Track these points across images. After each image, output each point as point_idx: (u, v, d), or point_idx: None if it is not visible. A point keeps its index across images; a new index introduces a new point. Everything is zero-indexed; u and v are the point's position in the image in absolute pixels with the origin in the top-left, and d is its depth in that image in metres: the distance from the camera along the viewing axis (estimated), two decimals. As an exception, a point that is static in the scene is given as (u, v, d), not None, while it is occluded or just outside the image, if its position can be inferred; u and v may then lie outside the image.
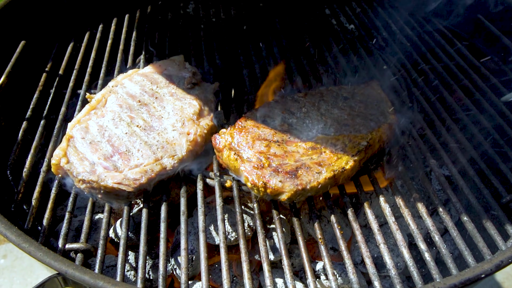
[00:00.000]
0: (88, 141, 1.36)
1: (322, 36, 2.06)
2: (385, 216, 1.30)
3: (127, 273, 1.45)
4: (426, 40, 1.98)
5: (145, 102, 1.51)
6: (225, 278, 1.11)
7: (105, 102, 1.51)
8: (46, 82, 1.73)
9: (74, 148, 1.34)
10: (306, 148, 1.34)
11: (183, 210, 1.28)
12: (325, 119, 1.45)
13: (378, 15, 2.21)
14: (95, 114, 1.46)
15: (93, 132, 1.39)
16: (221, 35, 2.07)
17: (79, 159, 1.31)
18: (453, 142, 1.50)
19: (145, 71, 1.65)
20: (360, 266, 1.49)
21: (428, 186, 1.37)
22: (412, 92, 1.73)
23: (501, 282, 2.04)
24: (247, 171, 1.27)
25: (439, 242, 1.20)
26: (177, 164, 1.34)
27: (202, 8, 2.29)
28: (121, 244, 1.21)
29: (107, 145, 1.36)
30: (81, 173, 1.27)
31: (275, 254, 1.42)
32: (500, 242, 1.19)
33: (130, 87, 1.56)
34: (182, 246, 1.18)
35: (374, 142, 1.39)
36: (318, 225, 1.25)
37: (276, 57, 1.91)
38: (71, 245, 1.22)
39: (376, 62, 1.91)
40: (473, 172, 1.39)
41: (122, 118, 1.44)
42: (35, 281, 2.28)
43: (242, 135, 1.36)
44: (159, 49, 1.98)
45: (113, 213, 1.63)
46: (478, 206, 1.29)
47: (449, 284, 1.02)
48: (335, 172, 1.26)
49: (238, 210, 1.28)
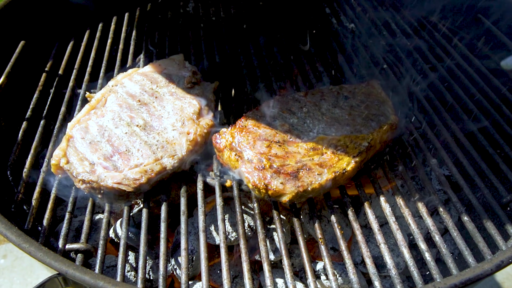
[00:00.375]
0: (88, 141, 1.36)
1: (322, 35, 2.06)
2: (385, 216, 1.30)
3: (127, 273, 1.45)
4: (426, 40, 1.98)
5: (145, 102, 1.51)
6: (225, 278, 1.11)
7: (104, 101, 1.50)
8: (46, 82, 1.73)
9: (74, 148, 1.34)
10: (307, 149, 1.34)
11: (183, 210, 1.28)
12: (326, 119, 1.45)
13: (378, 14, 2.21)
14: (95, 114, 1.45)
15: (93, 132, 1.39)
16: (221, 34, 2.07)
17: (79, 159, 1.31)
18: (453, 142, 1.50)
19: (145, 71, 1.64)
20: (360, 266, 1.49)
21: (428, 186, 1.37)
22: (412, 92, 1.73)
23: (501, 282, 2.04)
24: (248, 172, 1.26)
25: (439, 242, 1.20)
26: (177, 164, 1.34)
27: (202, 7, 2.29)
28: (121, 244, 1.20)
29: (107, 145, 1.36)
30: (81, 173, 1.27)
31: (275, 254, 1.42)
32: (501, 242, 1.19)
33: (130, 86, 1.56)
34: (182, 246, 1.18)
35: (375, 143, 1.39)
36: (318, 225, 1.25)
37: (276, 56, 1.91)
38: (71, 245, 1.21)
39: (376, 62, 1.90)
40: (473, 172, 1.39)
41: (122, 117, 1.44)
42: (35, 281, 2.28)
43: (243, 135, 1.36)
44: (159, 48, 1.97)
45: (113, 213, 1.63)
46: (478, 206, 1.29)
47: (450, 284, 1.02)
48: (336, 174, 1.26)
49: (238, 210, 1.28)
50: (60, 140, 1.40)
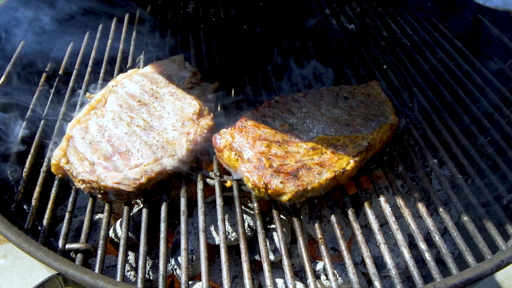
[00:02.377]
0: (88, 141, 1.36)
1: (322, 36, 2.06)
2: (385, 216, 1.30)
3: (127, 273, 1.45)
4: (426, 40, 1.98)
5: (145, 102, 1.51)
6: (225, 278, 1.11)
7: (105, 102, 1.50)
8: (46, 82, 1.73)
9: (74, 148, 1.34)
10: (307, 149, 1.34)
11: (183, 210, 1.28)
12: (326, 119, 1.45)
13: (378, 14, 2.21)
14: (95, 114, 1.45)
15: (93, 132, 1.39)
16: (221, 35, 2.07)
17: (79, 159, 1.31)
18: (453, 142, 1.49)
19: (145, 71, 1.64)
20: (360, 266, 1.49)
21: (428, 186, 1.37)
22: (412, 92, 1.73)
23: (501, 282, 2.04)
24: (248, 171, 1.26)
25: (439, 242, 1.20)
26: (177, 164, 1.34)
27: (202, 8, 2.29)
28: (121, 244, 1.20)
29: (107, 145, 1.36)
30: (81, 173, 1.27)
31: (275, 254, 1.42)
32: (501, 242, 1.19)
33: (130, 86, 1.56)
34: (182, 246, 1.18)
35: (375, 143, 1.39)
36: (318, 225, 1.25)
37: (276, 57, 1.91)
38: (71, 245, 1.21)
39: (376, 62, 1.91)
40: (473, 172, 1.39)
41: (122, 118, 1.44)
42: (35, 281, 2.27)
43: (243, 135, 1.36)
44: (159, 48, 1.97)
45: (113, 213, 1.63)
46: (478, 206, 1.29)
47: (450, 284, 1.02)
48: (336, 173, 1.26)
49: (238, 210, 1.28)
50: (60, 140, 1.40)
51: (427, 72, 1.80)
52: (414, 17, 2.16)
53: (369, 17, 2.19)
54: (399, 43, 2.00)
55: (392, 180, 1.39)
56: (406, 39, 1.99)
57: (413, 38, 2.00)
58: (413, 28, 2.07)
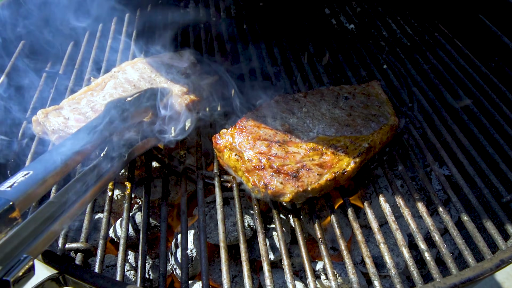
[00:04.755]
0: (73, 107, 1.43)
1: (322, 36, 2.06)
2: (385, 215, 1.30)
3: (127, 272, 1.45)
4: (426, 40, 1.98)
5: (140, 87, 1.56)
6: (225, 278, 1.11)
7: (104, 85, 1.56)
8: (46, 82, 1.73)
9: (57, 112, 1.41)
10: (307, 149, 1.34)
11: (183, 210, 1.28)
12: (326, 119, 1.45)
13: (378, 14, 2.21)
14: (91, 95, 1.50)
15: (82, 104, 1.46)
16: (221, 35, 2.07)
17: (55, 115, 1.39)
18: (453, 142, 1.49)
19: (149, 60, 1.70)
20: (360, 266, 1.49)
21: (428, 186, 1.37)
22: (412, 92, 1.73)
23: (501, 282, 2.03)
24: (248, 171, 1.26)
25: (439, 242, 1.20)
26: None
27: (202, 8, 2.28)
28: (121, 243, 1.20)
29: (88, 108, 1.43)
30: (53, 124, 1.34)
31: (275, 254, 1.42)
32: (500, 241, 1.19)
33: (131, 73, 1.62)
34: (182, 245, 1.18)
35: (375, 144, 1.39)
36: (318, 225, 1.25)
37: (276, 57, 1.91)
38: (71, 244, 1.21)
39: (376, 62, 1.91)
40: (473, 172, 1.39)
41: (113, 95, 1.51)
42: (35, 280, 2.27)
43: (243, 135, 1.36)
44: (159, 48, 1.97)
45: (113, 213, 1.63)
46: (478, 206, 1.29)
47: (449, 284, 1.02)
48: (336, 174, 1.26)
49: (238, 210, 1.28)
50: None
51: (427, 72, 1.80)
52: (414, 17, 2.16)
53: (369, 17, 2.19)
54: (399, 43, 2.00)
55: (391, 180, 1.39)
56: (406, 39, 1.99)
57: (413, 38, 1.99)
58: (413, 28, 2.07)
